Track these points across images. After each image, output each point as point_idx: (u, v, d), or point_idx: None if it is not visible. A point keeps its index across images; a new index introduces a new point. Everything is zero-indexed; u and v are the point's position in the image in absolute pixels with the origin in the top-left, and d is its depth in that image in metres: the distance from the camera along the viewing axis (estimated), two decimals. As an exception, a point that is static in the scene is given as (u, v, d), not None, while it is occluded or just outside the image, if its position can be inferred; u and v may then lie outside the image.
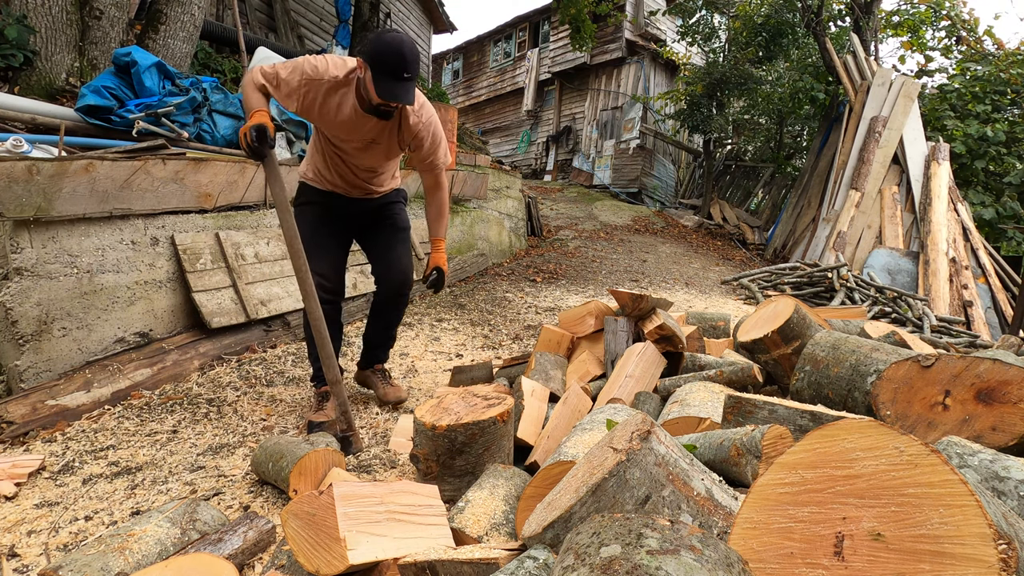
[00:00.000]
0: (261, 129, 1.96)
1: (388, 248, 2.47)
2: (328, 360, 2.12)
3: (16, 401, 2.32)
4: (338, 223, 2.44)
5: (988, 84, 9.01)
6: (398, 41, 1.92)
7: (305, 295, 2.07)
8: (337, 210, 2.41)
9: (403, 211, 2.54)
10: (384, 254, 2.47)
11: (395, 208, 2.51)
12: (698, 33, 11.69)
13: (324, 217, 2.40)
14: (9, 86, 3.74)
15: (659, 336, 2.35)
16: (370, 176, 2.39)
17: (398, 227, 2.49)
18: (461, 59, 19.88)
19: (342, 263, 2.47)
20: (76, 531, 1.66)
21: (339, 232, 2.46)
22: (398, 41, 1.92)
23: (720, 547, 0.68)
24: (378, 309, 2.56)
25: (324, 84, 2.08)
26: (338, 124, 2.16)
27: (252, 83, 2.12)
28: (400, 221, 2.51)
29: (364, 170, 2.36)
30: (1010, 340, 2.63)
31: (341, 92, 2.11)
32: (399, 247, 2.48)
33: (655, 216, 11.36)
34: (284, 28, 8.22)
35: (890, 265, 7.02)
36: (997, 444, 1.17)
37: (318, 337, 2.09)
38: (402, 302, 2.54)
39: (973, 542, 0.65)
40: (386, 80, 1.93)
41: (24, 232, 2.45)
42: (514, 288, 5.67)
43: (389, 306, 2.53)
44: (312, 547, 1.15)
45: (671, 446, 1.08)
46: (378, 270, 2.49)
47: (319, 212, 2.39)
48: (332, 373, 2.13)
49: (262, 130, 1.96)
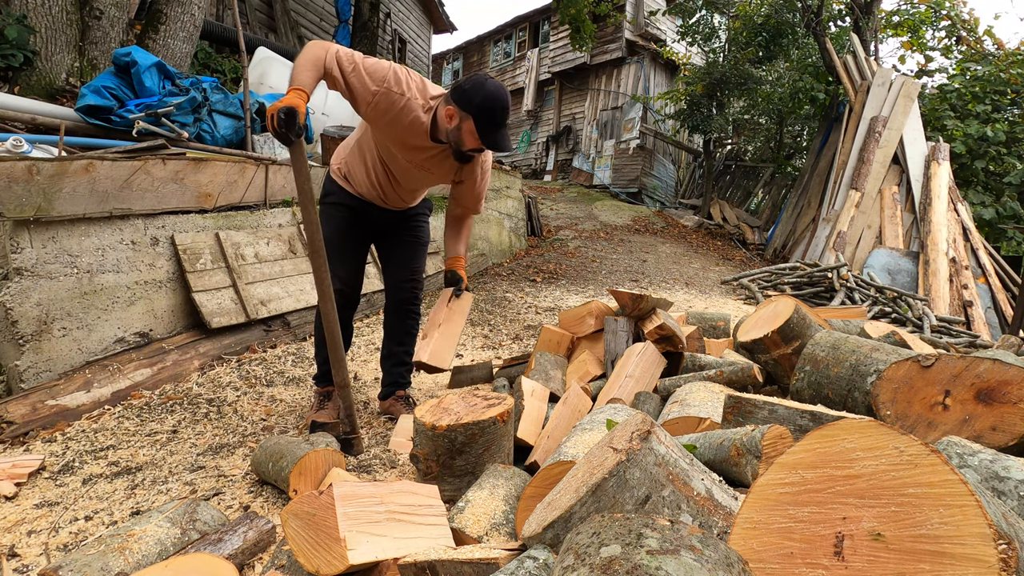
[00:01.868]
0: (291, 113, 1.75)
1: (407, 259, 2.45)
2: (339, 364, 2.06)
3: (16, 401, 2.32)
4: (363, 230, 2.41)
5: (988, 84, 9.01)
6: (500, 91, 1.92)
7: (321, 295, 1.99)
8: (364, 217, 2.37)
9: (427, 224, 2.53)
10: (402, 264, 2.45)
11: (420, 220, 2.49)
12: (698, 33, 11.69)
13: (351, 220, 2.35)
14: (9, 86, 3.74)
15: (659, 336, 2.35)
16: (409, 193, 2.36)
17: (420, 241, 2.48)
18: (461, 59, 19.90)
19: (361, 270, 2.45)
20: (76, 531, 1.66)
21: (362, 239, 2.43)
22: (500, 91, 1.92)
23: (720, 547, 0.68)
24: (390, 323, 2.54)
25: (404, 99, 2.01)
26: (402, 142, 2.12)
27: (313, 59, 1.91)
28: (423, 235, 2.50)
29: (406, 188, 2.32)
30: (1010, 340, 2.63)
31: (415, 113, 2.04)
32: (418, 260, 2.47)
33: (655, 216, 11.36)
34: (284, 28, 8.23)
35: (890, 265, 7.02)
36: (997, 444, 1.17)
37: (331, 340, 2.02)
38: (413, 312, 2.51)
39: (973, 542, 0.65)
40: (492, 131, 1.94)
41: (24, 232, 2.45)
42: (514, 288, 5.67)
43: (400, 317, 2.50)
44: (312, 547, 1.15)
45: (671, 446, 1.08)
46: (392, 280, 2.48)
47: (346, 215, 2.34)
48: (341, 376, 2.07)
49: (292, 114, 1.75)
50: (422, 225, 2.50)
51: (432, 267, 5.19)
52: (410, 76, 2.04)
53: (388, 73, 1.99)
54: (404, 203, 2.39)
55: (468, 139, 1.98)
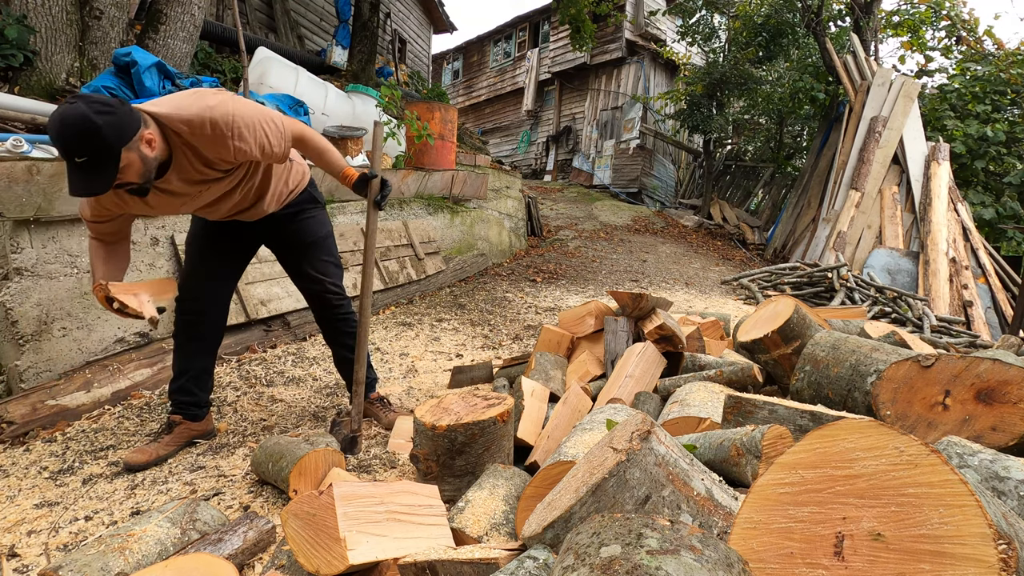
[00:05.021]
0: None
1: (301, 264, 2.20)
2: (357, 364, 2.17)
3: (16, 401, 2.32)
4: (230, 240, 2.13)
5: (988, 84, 9.01)
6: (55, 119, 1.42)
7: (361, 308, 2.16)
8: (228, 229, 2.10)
9: (312, 218, 2.19)
10: (299, 272, 2.21)
11: (300, 218, 2.16)
12: (698, 33, 11.69)
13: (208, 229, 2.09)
14: (9, 86, 3.74)
15: (659, 336, 2.35)
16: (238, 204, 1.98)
17: (306, 240, 2.17)
18: (461, 59, 19.89)
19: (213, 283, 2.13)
20: (76, 531, 1.66)
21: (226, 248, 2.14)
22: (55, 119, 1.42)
23: (720, 547, 0.68)
24: (325, 333, 2.33)
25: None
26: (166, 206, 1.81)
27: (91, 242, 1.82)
28: (308, 232, 2.17)
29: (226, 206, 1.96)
30: (1010, 340, 2.63)
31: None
32: (315, 262, 2.20)
33: (655, 216, 11.35)
34: (284, 28, 8.23)
35: (890, 265, 7.03)
36: (997, 444, 1.17)
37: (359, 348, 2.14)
38: (339, 315, 2.26)
39: (973, 542, 0.65)
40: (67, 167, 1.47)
41: (24, 232, 2.45)
42: (514, 288, 5.67)
43: (330, 322, 2.28)
44: (312, 547, 1.15)
45: (671, 446, 1.08)
46: (303, 290, 2.25)
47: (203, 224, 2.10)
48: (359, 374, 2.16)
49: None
50: (302, 224, 2.16)
51: (432, 267, 5.19)
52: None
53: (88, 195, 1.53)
54: (252, 214, 2.05)
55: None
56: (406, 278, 4.82)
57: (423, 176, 5.56)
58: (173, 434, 2.14)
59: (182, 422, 2.16)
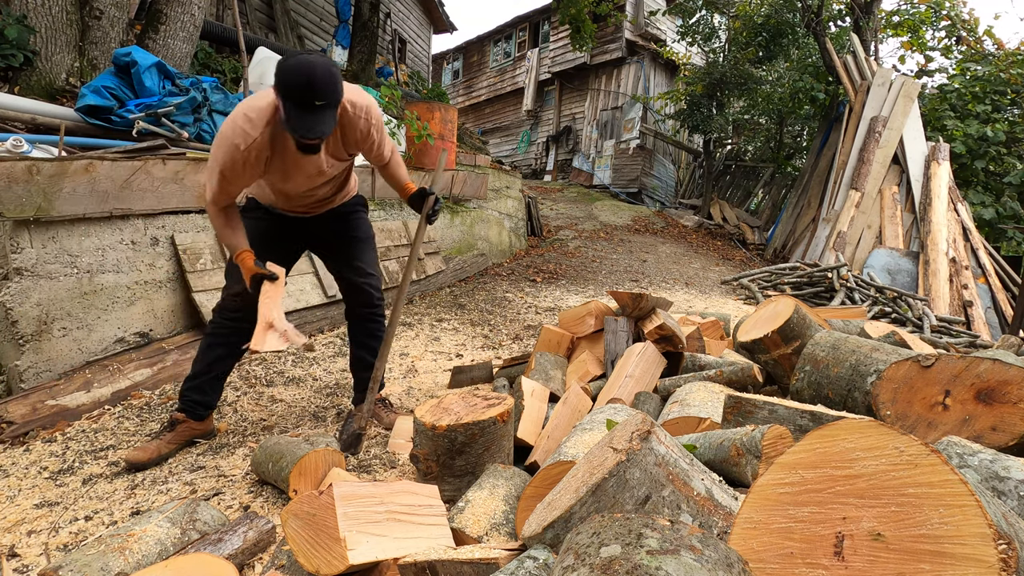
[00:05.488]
0: (257, 279, 1.88)
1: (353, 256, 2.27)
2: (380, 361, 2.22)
3: (16, 401, 2.32)
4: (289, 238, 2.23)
5: (988, 84, 9.01)
6: (302, 65, 1.62)
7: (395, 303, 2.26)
8: (291, 225, 2.20)
9: (364, 219, 2.33)
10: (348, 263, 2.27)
11: (354, 217, 2.28)
12: (698, 33, 11.69)
13: (272, 224, 2.16)
14: (9, 86, 3.74)
15: (659, 336, 2.35)
16: (317, 201, 2.15)
17: (359, 237, 2.28)
18: (461, 59, 19.88)
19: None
20: (76, 531, 1.66)
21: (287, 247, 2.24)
22: (302, 65, 1.62)
23: (720, 547, 0.68)
24: (353, 329, 2.36)
25: (251, 150, 1.78)
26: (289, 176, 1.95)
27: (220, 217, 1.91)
28: (361, 231, 2.29)
29: (312, 198, 2.13)
30: (1010, 340, 2.63)
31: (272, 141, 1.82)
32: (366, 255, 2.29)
33: (655, 216, 11.35)
34: (284, 28, 8.23)
35: (890, 265, 7.02)
36: (997, 444, 1.17)
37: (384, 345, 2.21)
38: (375, 314, 2.33)
39: (973, 542, 0.65)
40: (294, 113, 1.65)
41: (24, 232, 2.45)
42: (514, 288, 5.67)
43: (362, 320, 2.33)
44: (312, 547, 1.15)
45: (671, 446, 1.08)
46: (345, 282, 2.30)
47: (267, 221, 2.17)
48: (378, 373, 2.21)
49: (258, 280, 1.88)
50: (358, 221, 2.29)
51: (432, 267, 5.19)
52: (234, 121, 1.78)
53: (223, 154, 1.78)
54: (322, 207, 2.20)
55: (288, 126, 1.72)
56: (406, 278, 4.82)
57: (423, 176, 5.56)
58: (175, 432, 2.15)
59: (185, 420, 2.16)
